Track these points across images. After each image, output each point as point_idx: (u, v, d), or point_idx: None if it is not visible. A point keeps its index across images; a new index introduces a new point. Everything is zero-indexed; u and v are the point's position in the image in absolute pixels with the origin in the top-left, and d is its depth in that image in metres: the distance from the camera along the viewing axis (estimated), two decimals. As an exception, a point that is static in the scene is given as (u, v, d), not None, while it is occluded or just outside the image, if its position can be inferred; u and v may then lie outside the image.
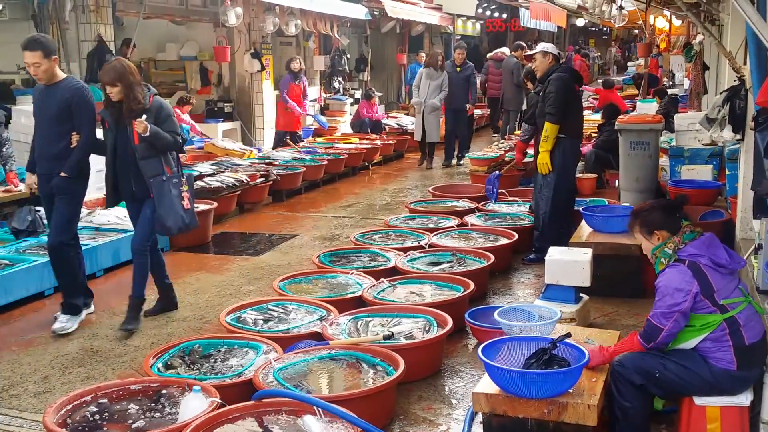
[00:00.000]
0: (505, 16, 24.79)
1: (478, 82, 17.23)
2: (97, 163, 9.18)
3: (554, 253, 5.28)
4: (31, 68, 5.34)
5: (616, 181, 9.02)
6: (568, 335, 3.72)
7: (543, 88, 6.82)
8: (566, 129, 6.72)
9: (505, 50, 15.34)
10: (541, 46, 7.06)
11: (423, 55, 17.49)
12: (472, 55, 26.01)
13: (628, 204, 7.24)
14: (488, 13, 23.63)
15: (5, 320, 5.86)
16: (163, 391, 4.00)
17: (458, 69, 12.79)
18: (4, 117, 8.12)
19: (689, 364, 3.53)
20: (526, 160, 10.17)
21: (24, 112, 9.09)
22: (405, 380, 4.24)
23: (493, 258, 6.22)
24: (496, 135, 15.54)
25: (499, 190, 8.27)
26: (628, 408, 3.58)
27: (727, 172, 7.49)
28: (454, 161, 13.25)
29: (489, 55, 16.76)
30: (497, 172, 8.37)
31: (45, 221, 6.63)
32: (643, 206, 3.94)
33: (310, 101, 15.50)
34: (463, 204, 8.44)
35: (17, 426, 4.18)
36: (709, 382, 3.51)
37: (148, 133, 5.25)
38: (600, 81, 19.74)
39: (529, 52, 7.38)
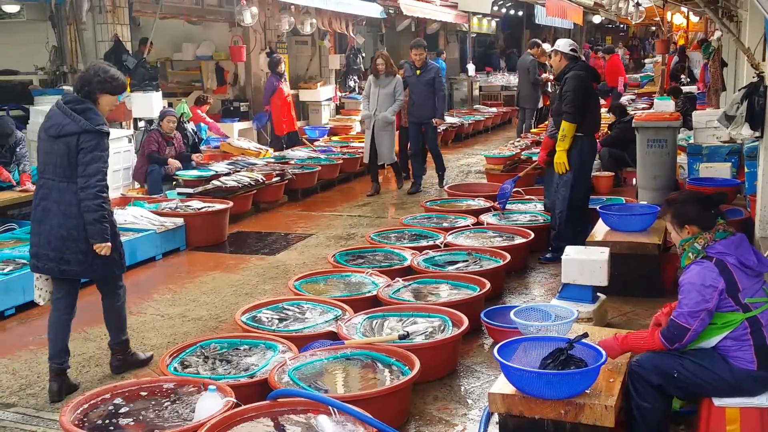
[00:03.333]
0: (521, 13, 24.69)
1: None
2: (116, 162, 9.34)
3: (571, 252, 5.25)
4: None
5: (634, 179, 8.96)
6: (585, 335, 3.68)
7: (560, 86, 6.77)
8: (583, 128, 6.67)
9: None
10: (556, 44, 7.02)
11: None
12: (486, 52, 26.08)
13: (645, 202, 7.17)
14: (504, 10, 23.54)
15: (23, 319, 5.90)
16: (179, 391, 4.01)
17: (418, 72, 10.18)
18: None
19: (708, 364, 3.49)
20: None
21: (42, 112, 9.14)
22: (420, 380, 4.23)
23: (509, 257, 6.19)
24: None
25: (514, 189, 8.20)
26: (646, 408, 3.55)
27: (746, 170, 7.42)
28: (438, 184, 10.71)
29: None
30: (518, 175, 8.26)
31: None
32: (679, 196, 3.84)
33: (325, 100, 15.56)
34: (479, 203, 8.40)
35: (34, 425, 4.21)
36: (728, 381, 3.47)
37: None
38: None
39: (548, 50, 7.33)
